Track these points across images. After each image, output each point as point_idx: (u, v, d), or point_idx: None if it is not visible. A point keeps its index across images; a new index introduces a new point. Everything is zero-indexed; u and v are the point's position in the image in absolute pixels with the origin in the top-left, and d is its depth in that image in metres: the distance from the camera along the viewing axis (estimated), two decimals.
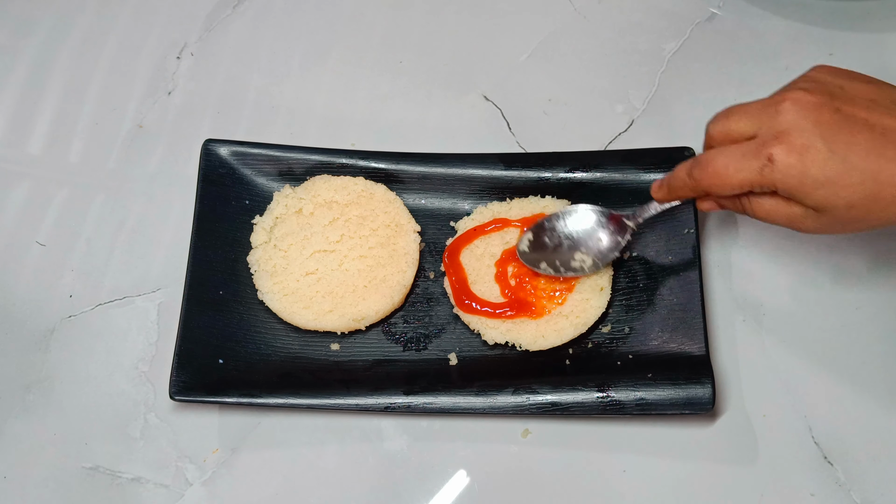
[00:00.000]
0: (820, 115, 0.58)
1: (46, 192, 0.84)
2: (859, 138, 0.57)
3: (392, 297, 0.74)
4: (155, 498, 0.71)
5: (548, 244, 0.74)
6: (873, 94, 0.59)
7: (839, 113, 0.58)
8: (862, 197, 0.57)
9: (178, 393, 0.69)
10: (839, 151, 0.57)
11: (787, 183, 0.58)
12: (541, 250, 0.73)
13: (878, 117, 0.58)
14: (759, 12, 0.88)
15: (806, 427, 0.71)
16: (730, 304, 0.75)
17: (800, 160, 0.57)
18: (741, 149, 0.60)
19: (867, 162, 0.57)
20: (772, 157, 0.58)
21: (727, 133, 0.62)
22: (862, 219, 0.59)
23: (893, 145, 0.57)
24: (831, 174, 0.57)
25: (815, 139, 0.57)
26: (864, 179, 0.57)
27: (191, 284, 0.74)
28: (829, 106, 0.58)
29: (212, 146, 0.79)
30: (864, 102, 0.59)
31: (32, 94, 0.89)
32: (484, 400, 0.69)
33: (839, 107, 0.58)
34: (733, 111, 0.62)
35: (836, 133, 0.57)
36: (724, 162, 0.61)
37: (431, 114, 0.86)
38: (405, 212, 0.77)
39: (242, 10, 0.93)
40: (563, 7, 0.91)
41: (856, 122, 0.58)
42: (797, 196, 0.59)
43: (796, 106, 0.59)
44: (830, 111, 0.58)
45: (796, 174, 0.58)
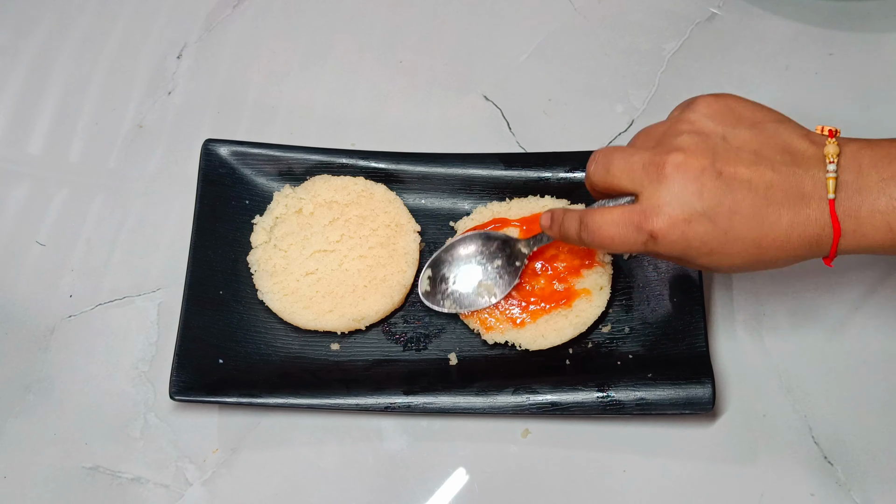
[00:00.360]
0: (702, 183, 0.57)
1: (46, 192, 0.84)
2: (742, 206, 0.57)
3: (392, 297, 0.74)
4: (155, 498, 0.71)
5: (448, 278, 0.74)
6: (756, 144, 0.58)
7: (721, 178, 0.57)
8: (744, 262, 0.59)
9: (178, 393, 0.69)
10: (721, 222, 0.57)
11: (671, 255, 0.59)
12: (442, 287, 0.74)
13: (762, 173, 0.57)
14: (759, 12, 0.88)
15: (806, 427, 0.71)
16: (730, 304, 0.75)
17: (682, 236, 0.58)
18: (625, 219, 0.59)
19: (749, 231, 0.57)
20: (654, 233, 0.58)
21: (608, 186, 0.61)
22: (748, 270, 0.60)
23: (776, 205, 0.57)
24: (714, 245, 0.58)
25: (697, 212, 0.57)
26: (746, 247, 0.58)
27: (191, 284, 0.74)
28: (711, 171, 0.57)
29: (212, 146, 0.79)
30: (748, 157, 0.58)
31: (32, 94, 0.89)
32: (484, 400, 0.69)
33: (721, 169, 0.57)
34: (615, 163, 0.61)
35: (718, 202, 0.57)
36: (610, 234, 0.60)
37: (431, 114, 0.86)
38: (405, 212, 0.77)
39: (242, 9, 0.93)
40: (563, 7, 0.91)
41: (738, 186, 0.57)
42: (681, 262, 0.61)
43: (679, 171, 0.57)
44: (712, 177, 0.57)
45: (679, 249, 0.58)
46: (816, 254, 0.58)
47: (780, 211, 0.57)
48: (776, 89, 0.84)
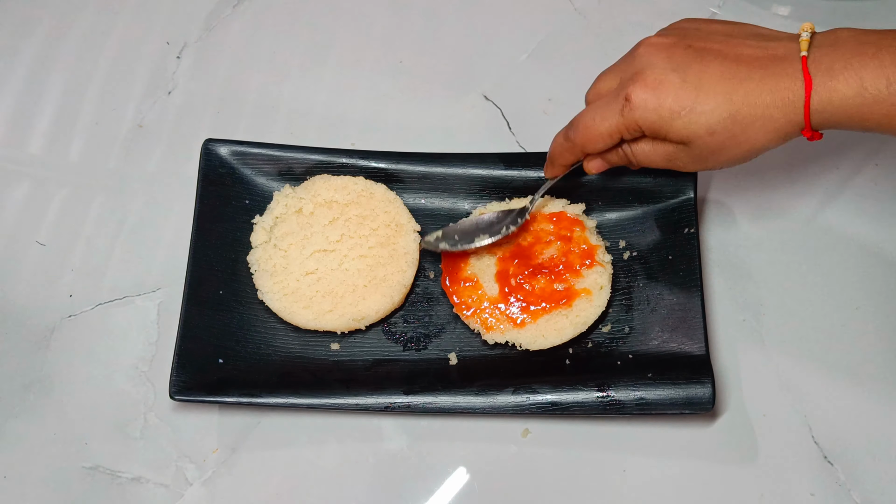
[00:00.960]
0: (671, 52, 0.61)
1: (46, 191, 0.84)
2: (711, 66, 0.59)
3: (392, 297, 0.74)
4: (155, 498, 0.71)
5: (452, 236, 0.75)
6: (729, 31, 0.62)
7: (691, 49, 0.61)
8: (719, 119, 0.59)
9: (178, 393, 0.69)
10: (691, 80, 0.59)
11: (647, 118, 0.61)
12: (444, 238, 0.75)
13: (732, 48, 0.60)
14: (759, 12, 0.88)
15: (806, 427, 0.71)
16: (730, 304, 0.75)
17: (654, 94, 0.60)
18: (604, 100, 0.64)
19: (720, 85, 0.59)
20: (628, 96, 0.61)
21: (597, 93, 0.66)
22: (728, 145, 0.60)
23: (746, 67, 0.59)
24: (686, 102, 0.59)
25: (666, 73, 0.60)
26: (718, 102, 0.59)
27: (191, 284, 0.74)
28: (681, 44, 0.61)
29: (212, 146, 0.79)
30: (719, 38, 0.61)
31: (32, 94, 0.89)
32: (484, 399, 0.69)
33: (691, 43, 0.61)
34: (602, 73, 0.66)
35: (687, 65, 0.60)
36: (591, 115, 0.64)
37: (431, 114, 0.86)
38: (405, 211, 0.77)
39: (242, 9, 0.93)
40: (563, 7, 0.91)
41: (708, 53, 0.60)
42: (660, 131, 0.61)
43: (649, 49, 0.62)
44: (682, 48, 0.61)
45: (653, 108, 0.60)
46: (792, 117, 0.58)
47: (752, 69, 0.59)
48: None
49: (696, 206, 0.74)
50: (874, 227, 0.77)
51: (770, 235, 0.78)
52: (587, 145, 0.65)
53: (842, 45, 0.57)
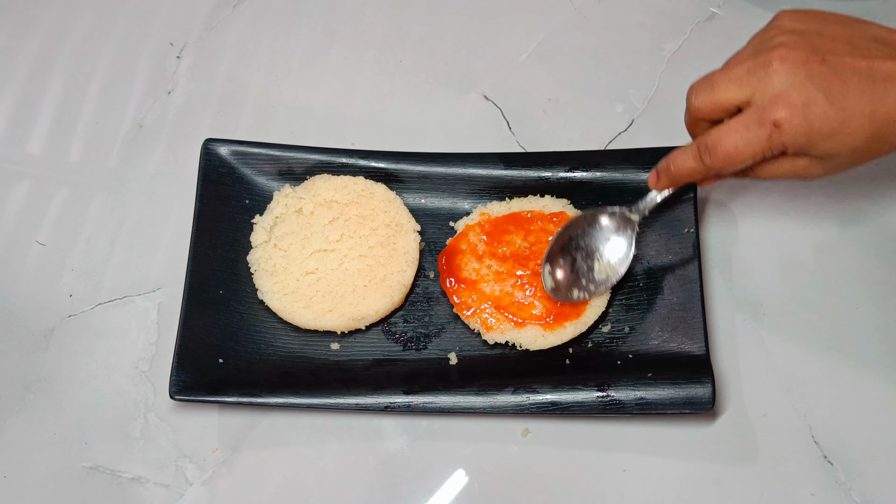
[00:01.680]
0: (810, 68, 0.59)
1: (46, 191, 0.84)
2: (851, 84, 0.58)
3: (392, 297, 0.74)
4: (155, 497, 0.71)
5: (567, 269, 0.73)
6: (849, 35, 0.61)
7: (826, 63, 0.59)
8: (864, 139, 0.59)
9: (178, 392, 0.69)
10: (837, 101, 0.58)
11: (797, 142, 0.59)
12: (564, 278, 0.72)
13: (864, 60, 0.59)
14: (759, 12, 0.88)
15: (806, 427, 0.71)
16: (730, 304, 0.75)
17: (804, 118, 0.59)
18: (743, 122, 0.61)
19: (862, 105, 0.58)
20: (777, 122, 0.59)
21: (716, 104, 0.62)
22: (866, 157, 0.61)
23: (881, 82, 0.58)
24: (835, 125, 0.58)
25: (813, 93, 0.58)
26: (863, 123, 0.58)
27: (191, 284, 0.74)
28: (815, 58, 0.59)
29: (212, 146, 0.79)
30: (845, 47, 0.60)
31: (32, 94, 0.89)
32: (484, 399, 0.69)
33: (824, 56, 0.59)
34: (717, 80, 0.62)
35: (829, 84, 0.58)
36: (733, 141, 0.61)
37: (431, 114, 0.86)
38: (405, 211, 0.77)
39: (242, 9, 0.93)
40: (563, 7, 0.91)
41: (843, 69, 0.59)
42: (805, 151, 0.60)
43: (786, 64, 0.59)
44: (818, 63, 0.59)
45: (804, 132, 0.59)
46: None
47: (886, 86, 0.58)
48: None
49: (696, 206, 0.74)
50: (874, 227, 0.77)
51: (770, 235, 0.78)
52: (727, 168, 0.63)
53: None
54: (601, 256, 0.73)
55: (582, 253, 0.73)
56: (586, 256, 0.73)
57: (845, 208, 0.78)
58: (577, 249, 0.73)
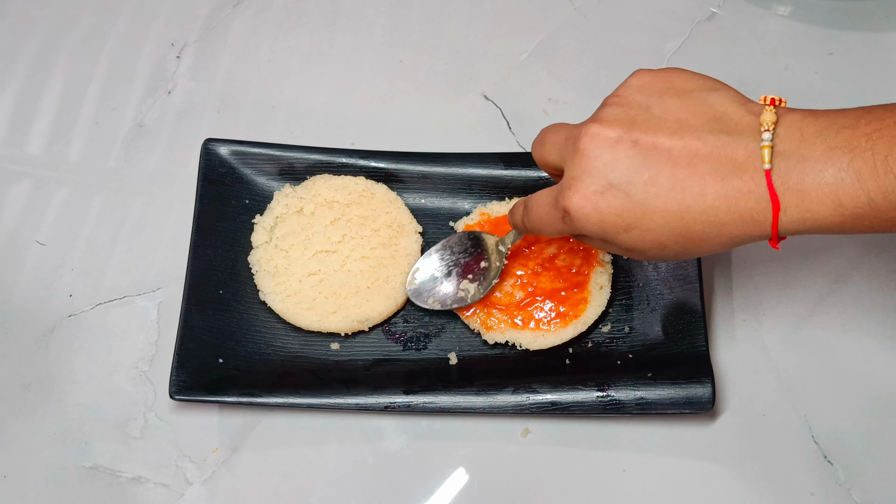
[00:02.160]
0: (615, 153, 0.53)
1: (46, 191, 0.84)
2: (660, 175, 0.52)
3: (395, 298, 0.74)
4: (155, 497, 0.71)
5: (435, 275, 0.74)
6: (682, 113, 0.54)
7: (637, 146, 0.53)
8: (669, 236, 0.53)
9: (178, 392, 0.69)
10: (637, 194, 0.53)
11: (591, 230, 0.55)
12: (428, 285, 0.74)
13: (684, 143, 0.52)
14: (759, 12, 0.88)
15: (806, 427, 0.71)
16: (730, 304, 0.75)
17: (594, 208, 0.54)
18: (548, 198, 0.58)
19: (669, 203, 0.52)
20: (567, 208, 0.55)
21: (544, 162, 0.61)
22: (682, 254, 0.55)
23: (701, 176, 0.52)
24: (630, 220, 0.53)
25: (607, 185, 0.53)
26: (667, 220, 0.53)
27: (191, 284, 0.74)
28: (626, 140, 0.53)
29: (212, 145, 0.79)
30: (670, 126, 0.53)
31: (32, 94, 0.89)
32: (484, 399, 0.69)
33: (637, 138, 0.53)
34: (546, 137, 0.60)
35: (632, 173, 0.53)
36: (539, 215, 0.59)
37: (431, 113, 0.86)
38: (406, 212, 0.77)
39: (242, 9, 0.93)
40: (563, 6, 0.91)
41: (656, 156, 0.53)
42: (606, 241, 0.56)
43: (592, 143, 0.54)
44: (627, 146, 0.53)
45: (595, 223, 0.54)
46: (755, 233, 0.52)
47: (706, 181, 0.51)
48: (776, 89, 0.84)
49: None
50: None
51: None
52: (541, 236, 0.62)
53: (810, 147, 0.50)
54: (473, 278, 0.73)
55: (458, 269, 0.74)
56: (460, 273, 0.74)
57: None
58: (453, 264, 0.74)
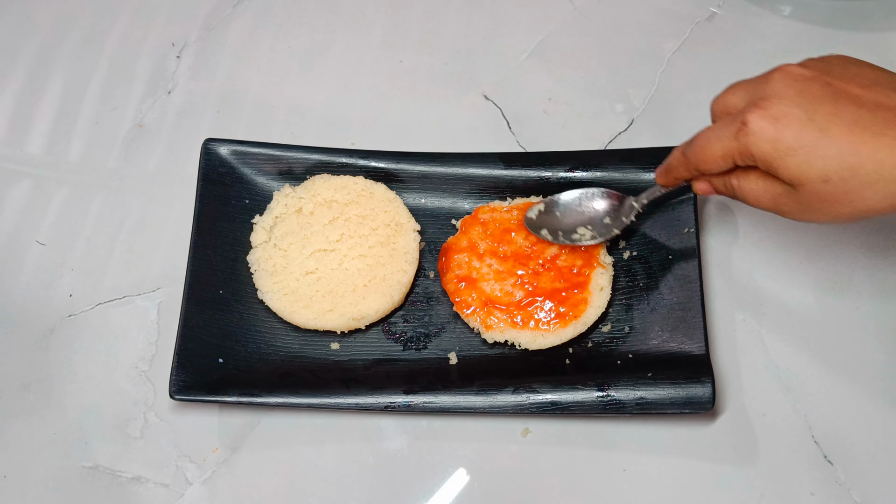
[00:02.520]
0: (806, 85, 0.57)
1: (46, 191, 0.84)
2: (845, 110, 0.55)
3: (392, 297, 0.74)
4: (155, 497, 0.71)
5: (556, 215, 0.75)
6: (877, 77, 0.57)
7: (829, 87, 0.56)
8: (838, 169, 0.54)
9: (178, 392, 0.69)
10: (818, 120, 0.55)
11: (761, 148, 0.57)
12: (547, 220, 0.75)
13: (874, 94, 0.56)
14: (760, 12, 0.88)
15: (806, 427, 0.71)
16: (730, 304, 0.75)
17: (773, 124, 0.56)
18: (724, 120, 0.60)
19: (849, 134, 0.54)
20: (746, 120, 0.57)
21: (725, 107, 0.62)
22: (841, 199, 0.56)
23: (882, 122, 0.54)
24: (806, 141, 0.55)
25: (792, 106, 0.56)
26: (841, 150, 0.54)
27: (191, 284, 0.74)
28: (820, 80, 0.57)
29: (212, 145, 0.79)
30: (865, 81, 0.57)
31: (32, 94, 0.89)
32: (484, 399, 0.69)
33: (830, 81, 0.57)
34: (732, 86, 0.62)
35: (819, 104, 0.56)
36: (707, 135, 0.61)
37: (431, 113, 0.86)
38: (405, 211, 0.77)
39: (242, 9, 0.93)
40: (563, 6, 0.91)
41: (845, 96, 0.56)
42: (771, 165, 0.57)
43: (784, 76, 0.58)
44: (820, 84, 0.57)
45: (769, 138, 0.56)
46: None
47: (888, 126, 0.54)
48: None
49: (696, 206, 0.74)
50: (874, 226, 0.77)
51: (770, 235, 0.78)
52: (700, 165, 0.62)
53: None
54: (592, 227, 0.74)
55: (579, 213, 0.75)
56: (578, 214, 0.75)
57: None
58: (575, 211, 0.75)
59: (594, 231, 0.74)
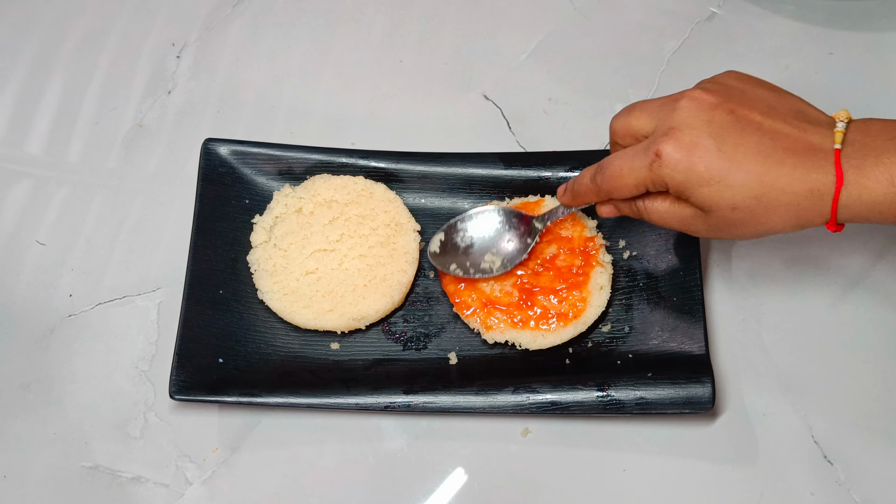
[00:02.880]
0: (713, 114, 0.59)
1: (46, 191, 0.84)
2: (749, 140, 0.58)
3: (392, 297, 0.74)
4: (155, 497, 0.71)
5: (459, 245, 0.75)
6: (773, 102, 0.60)
7: (733, 114, 0.59)
8: (746, 198, 0.58)
9: (178, 392, 0.69)
10: (727, 150, 0.58)
11: (674, 178, 0.59)
12: (451, 252, 0.75)
13: (772, 122, 0.59)
14: (759, 12, 0.88)
15: (806, 427, 0.71)
16: (730, 304, 0.75)
17: (686, 156, 0.58)
18: (635, 149, 0.62)
19: (753, 163, 0.57)
20: (660, 152, 0.59)
21: (628, 129, 0.63)
22: (747, 223, 0.59)
23: (782, 150, 0.58)
24: (716, 172, 0.58)
25: (703, 137, 0.58)
26: (748, 180, 0.57)
27: (191, 284, 0.74)
28: (724, 107, 0.59)
29: (212, 145, 0.79)
30: (762, 107, 0.59)
31: (32, 94, 0.89)
32: (484, 399, 0.69)
33: (734, 108, 0.59)
34: (635, 108, 0.64)
35: (726, 133, 0.58)
36: (619, 164, 0.62)
37: (431, 113, 0.86)
38: (405, 211, 0.77)
39: (242, 9, 0.93)
40: (563, 6, 0.91)
41: (748, 125, 0.58)
42: (684, 193, 0.60)
43: (692, 104, 0.60)
44: (724, 112, 0.59)
45: (682, 169, 0.58)
46: (818, 209, 0.57)
47: (786, 153, 0.57)
48: None
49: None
50: (874, 227, 0.77)
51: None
52: (612, 193, 0.64)
53: (873, 138, 0.57)
54: (497, 252, 0.74)
55: (480, 240, 0.74)
56: (482, 245, 0.74)
57: None
58: (477, 236, 0.75)
59: (500, 257, 0.74)
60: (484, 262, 0.74)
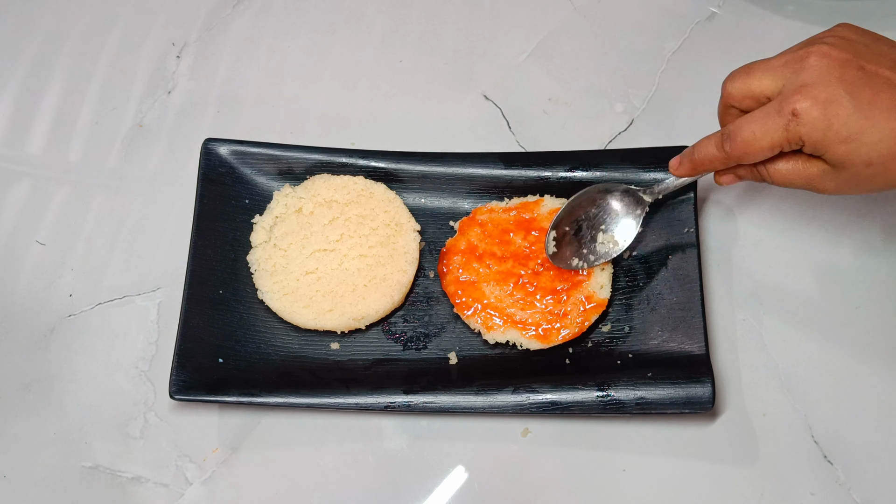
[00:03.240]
0: (844, 71, 0.58)
1: (46, 191, 0.84)
2: (883, 96, 0.58)
3: (392, 297, 0.74)
4: (155, 497, 0.71)
5: (571, 236, 0.74)
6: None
7: (863, 71, 0.58)
8: (881, 154, 0.58)
9: (178, 392, 0.69)
10: (862, 108, 0.57)
11: (812, 136, 0.59)
12: (567, 246, 0.74)
13: None
14: (759, 12, 0.88)
15: (806, 427, 0.71)
16: (730, 304, 0.75)
17: (824, 113, 0.58)
18: (765, 110, 0.61)
19: (889, 120, 0.57)
20: (796, 111, 0.59)
21: (748, 91, 0.62)
22: (879, 177, 0.59)
23: None
24: (854, 129, 0.58)
25: (839, 93, 0.58)
26: (883, 137, 0.57)
27: (191, 284, 0.74)
28: (854, 63, 0.59)
29: (212, 145, 0.79)
30: (889, 63, 0.59)
31: (32, 94, 0.89)
32: (484, 399, 0.69)
33: (863, 65, 0.59)
34: (754, 68, 0.62)
35: (859, 90, 0.58)
36: (752, 127, 0.61)
37: (431, 113, 0.86)
38: (405, 211, 0.77)
39: (242, 9, 0.93)
40: (563, 6, 0.91)
41: (880, 81, 0.58)
42: (819, 150, 0.59)
43: (822, 61, 0.59)
44: (855, 68, 0.58)
45: (821, 127, 0.58)
46: None
47: None
48: None
49: (696, 206, 0.74)
50: (874, 225, 0.77)
51: (770, 235, 0.78)
52: (744, 158, 0.63)
53: None
54: (606, 229, 0.73)
55: (588, 223, 0.73)
56: (591, 227, 0.73)
57: (845, 207, 0.78)
58: (584, 219, 0.74)
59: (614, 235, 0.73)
60: (601, 247, 0.73)
